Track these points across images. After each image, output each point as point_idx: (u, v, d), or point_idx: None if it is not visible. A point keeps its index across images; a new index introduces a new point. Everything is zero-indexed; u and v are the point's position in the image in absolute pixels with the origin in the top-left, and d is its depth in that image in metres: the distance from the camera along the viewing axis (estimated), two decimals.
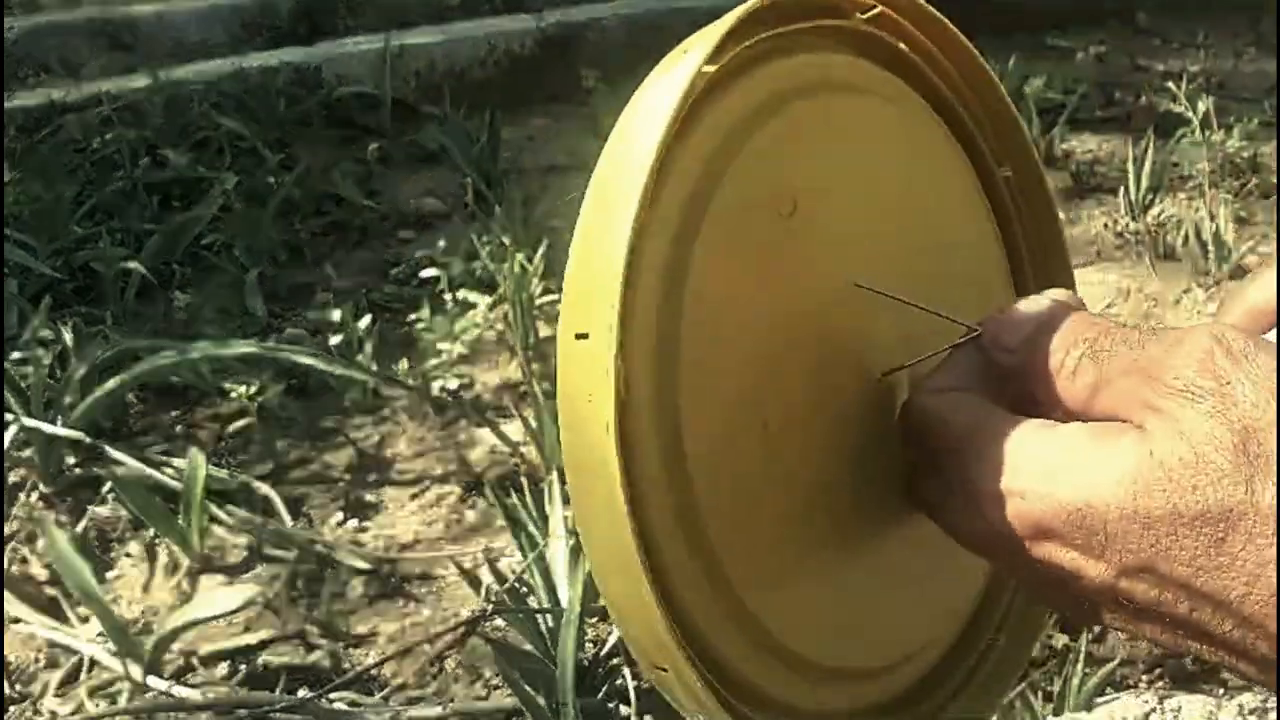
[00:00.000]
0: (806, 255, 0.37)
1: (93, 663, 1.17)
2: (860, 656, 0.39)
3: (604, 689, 1.06)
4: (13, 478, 1.47)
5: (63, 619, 1.24)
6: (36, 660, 1.20)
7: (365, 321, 1.68)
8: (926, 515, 0.36)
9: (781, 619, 0.36)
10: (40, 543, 1.32)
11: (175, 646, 1.17)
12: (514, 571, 1.12)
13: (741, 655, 0.35)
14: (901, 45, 0.42)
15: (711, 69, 0.35)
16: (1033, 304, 0.35)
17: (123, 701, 1.11)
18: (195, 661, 1.16)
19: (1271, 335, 0.35)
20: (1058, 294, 0.35)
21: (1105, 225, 2.06)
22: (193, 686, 1.12)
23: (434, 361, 1.66)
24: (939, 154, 0.43)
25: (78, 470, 1.47)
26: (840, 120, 0.39)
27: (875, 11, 0.40)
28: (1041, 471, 0.31)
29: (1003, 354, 0.34)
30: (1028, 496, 0.31)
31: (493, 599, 1.11)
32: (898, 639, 0.40)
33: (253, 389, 1.56)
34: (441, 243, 1.90)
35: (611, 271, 0.31)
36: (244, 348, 1.48)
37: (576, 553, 1.09)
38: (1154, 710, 1.02)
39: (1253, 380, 0.28)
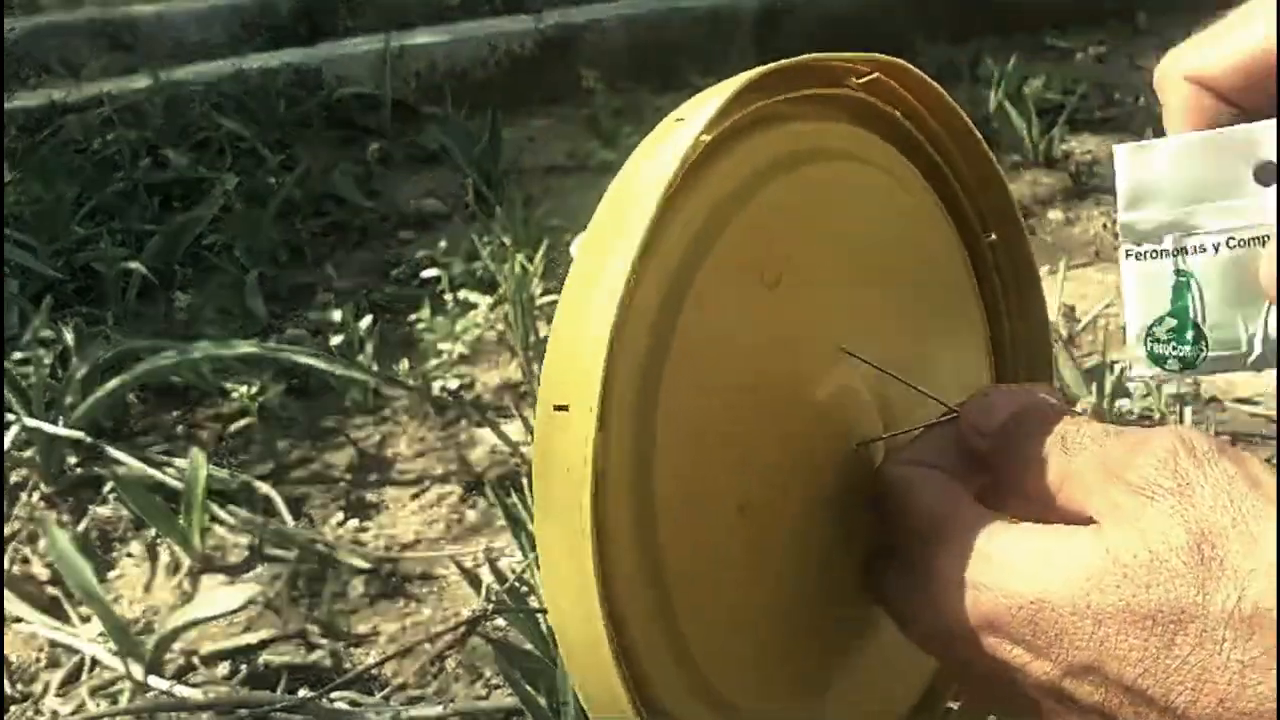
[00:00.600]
0: (790, 324, 0.37)
1: (94, 662, 1.17)
2: None
3: None
4: (14, 478, 1.47)
5: (64, 619, 1.24)
6: (38, 660, 1.20)
7: (366, 322, 1.68)
8: (877, 602, 0.36)
9: (749, 697, 0.36)
10: (41, 542, 1.33)
11: (176, 646, 1.17)
12: (514, 571, 1.12)
13: None
14: (896, 112, 0.42)
15: (708, 138, 0.34)
16: (1010, 393, 0.35)
17: (124, 701, 1.12)
18: (196, 661, 1.17)
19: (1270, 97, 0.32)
20: (1036, 387, 0.36)
21: (1105, 225, 2.06)
22: (194, 686, 1.12)
23: (435, 361, 1.66)
24: (927, 221, 0.43)
25: (79, 470, 1.47)
26: (831, 188, 0.39)
27: (871, 77, 0.40)
28: (999, 564, 0.31)
29: (977, 438, 0.35)
30: (982, 589, 0.31)
31: (493, 599, 1.11)
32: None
33: (254, 389, 1.56)
34: (442, 243, 1.90)
35: (594, 350, 0.31)
36: (245, 348, 1.48)
37: None
38: None
39: (1213, 483, 0.28)
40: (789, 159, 0.38)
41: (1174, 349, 0.33)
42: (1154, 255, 0.33)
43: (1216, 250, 0.32)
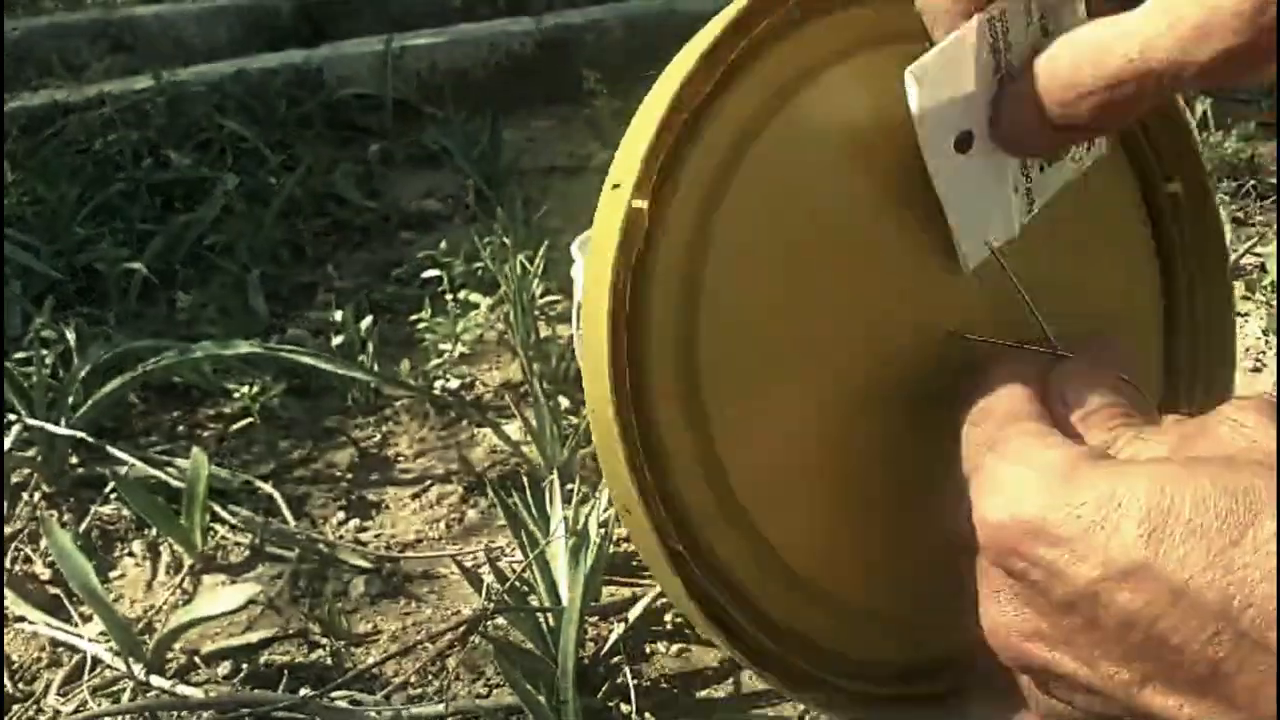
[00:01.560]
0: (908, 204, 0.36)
1: (95, 661, 1.17)
2: (863, 594, 0.38)
3: (605, 687, 1.06)
4: (15, 477, 1.48)
5: (65, 618, 1.25)
6: (39, 659, 1.21)
7: (367, 322, 1.68)
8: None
9: (781, 531, 0.36)
10: (43, 542, 1.33)
11: (177, 645, 1.17)
12: (515, 570, 1.13)
13: (727, 541, 0.35)
14: None
15: None
16: (1100, 375, 0.35)
17: (125, 700, 1.12)
18: (197, 660, 1.17)
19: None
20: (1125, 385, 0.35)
21: None
22: (195, 685, 1.13)
23: (435, 361, 1.66)
24: (1105, 162, 0.40)
25: (80, 470, 1.47)
26: None
27: None
28: (1054, 472, 0.31)
29: (1057, 402, 0.35)
30: (1031, 491, 0.31)
31: (494, 598, 1.11)
32: (914, 610, 0.39)
33: (255, 389, 1.56)
34: (443, 243, 1.90)
35: (646, 135, 0.32)
36: (246, 348, 1.48)
37: (577, 552, 1.10)
38: None
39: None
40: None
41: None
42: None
43: None
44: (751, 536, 0.35)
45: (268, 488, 1.41)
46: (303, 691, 1.09)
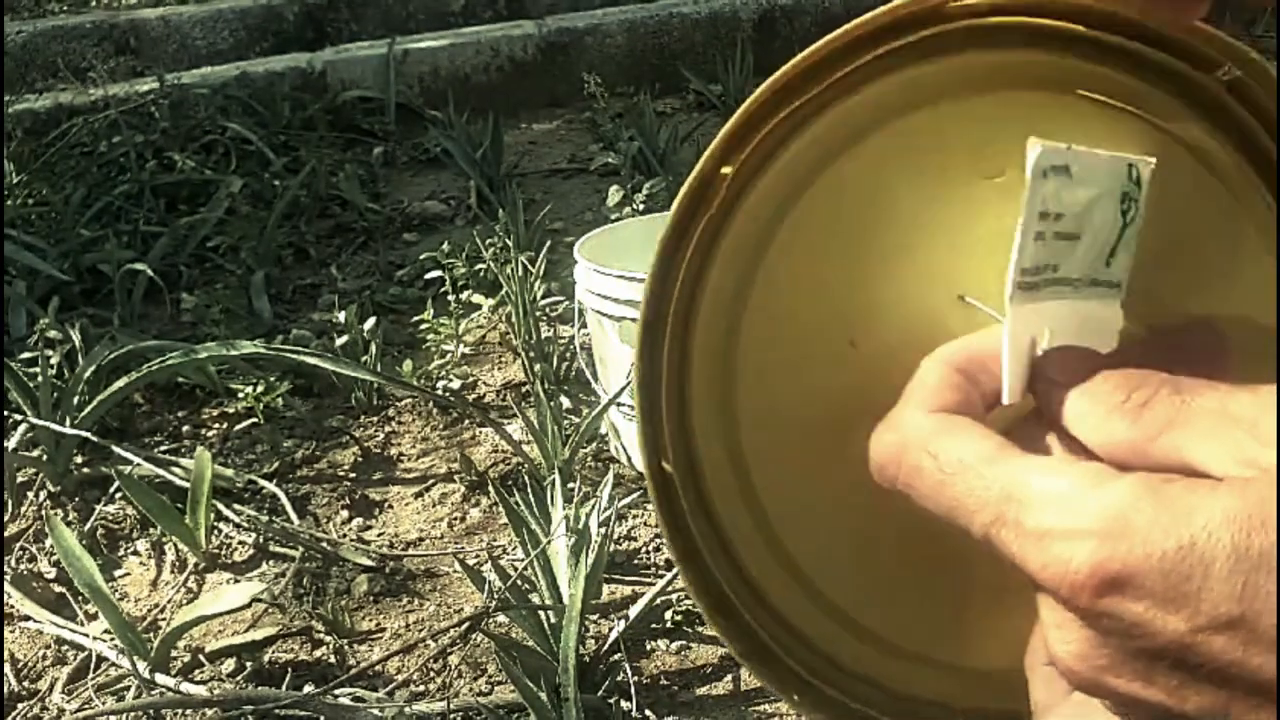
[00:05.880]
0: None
1: (100, 659, 1.18)
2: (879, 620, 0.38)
3: (605, 684, 1.07)
4: (21, 477, 1.49)
5: (71, 616, 1.25)
6: (44, 657, 1.21)
7: (370, 322, 1.69)
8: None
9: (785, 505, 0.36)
10: (48, 541, 1.34)
11: (182, 643, 1.18)
12: (516, 569, 1.13)
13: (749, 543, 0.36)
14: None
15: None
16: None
17: (130, 698, 1.13)
18: (202, 658, 1.17)
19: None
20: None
21: None
22: (199, 683, 1.13)
23: (438, 362, 1.67)
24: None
25: (85, 469, 1.48)
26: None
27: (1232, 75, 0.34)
28: (1123, 515, 0.28)
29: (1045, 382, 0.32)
30: (1107, 540, 0.28)
31: (495, 596, 1.12)
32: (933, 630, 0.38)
33: (259, 389, 1.57)
34: (445, 245, 1.91)
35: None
36: (250, 348, 1.49)
37: (578, 550, 1.10)
38: None
39: None
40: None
41: None
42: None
43: None
44: (763, 526, 0.36)
45: (271, 487, 1.42)
46: (306, 689, 1.09)
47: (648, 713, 1.05)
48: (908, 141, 0.35)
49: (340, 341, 1.66)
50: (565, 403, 1.54)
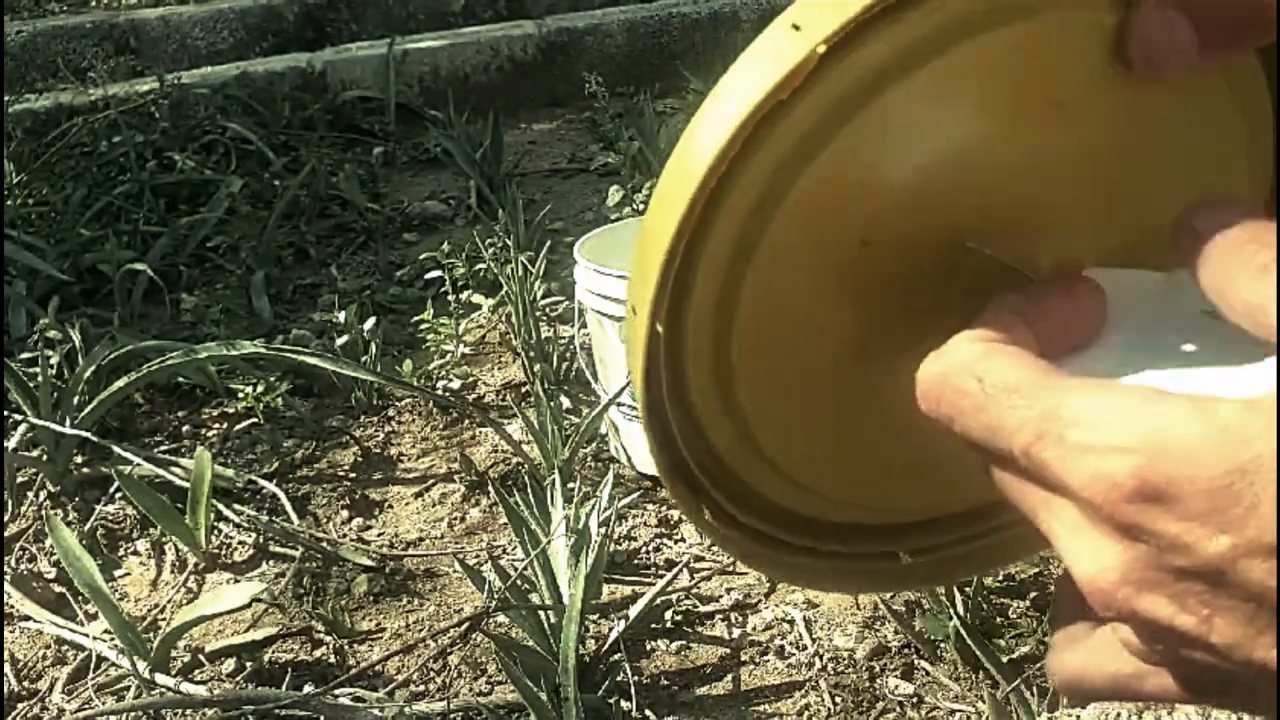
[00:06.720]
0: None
1: (100, 659, 1.18)
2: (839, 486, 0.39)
3: (605, 684, 1.07)
4: (21, 477, 1.49)
5: (71, 616, 1.25)
6: (44, 657, 1.21)
7: (370, 322, 1.70)
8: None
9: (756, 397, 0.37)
10: (48, 541, 1.34)
11: (182, 643, 1.18)
12: (516, 569, 1.13)
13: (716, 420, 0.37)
14: None
15: None
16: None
17: (130, 698, 1.13)
18: (202, 658, 1.17)
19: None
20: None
21: None
22: (199, 683, 1.13)
23: (438, 362, 1.67)
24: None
25: (85, 469, 1.48)
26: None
27: None
28: (1168, 429, 0.27)
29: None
30: (1146, 455, 0.27)
31: (495, 596, 1.12)
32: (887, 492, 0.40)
33: (259, 389, 1.57)
34: (445, 245, 1.92)
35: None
36: (250, 348, 1.49)
37: (578, 550, 1.10)
38: (1148, 707, 1.03)
39: None
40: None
41: None
42: None
43: None
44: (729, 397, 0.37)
45: (271, 487, 1.42)
46: (306, 689, 1.09)
47: (648, 713, 1.05)
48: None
49: (340, 341, 1.66)
50: (565, 403, 1.54)
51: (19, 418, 1.45)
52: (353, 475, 1.48)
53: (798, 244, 0.35)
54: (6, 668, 1.19)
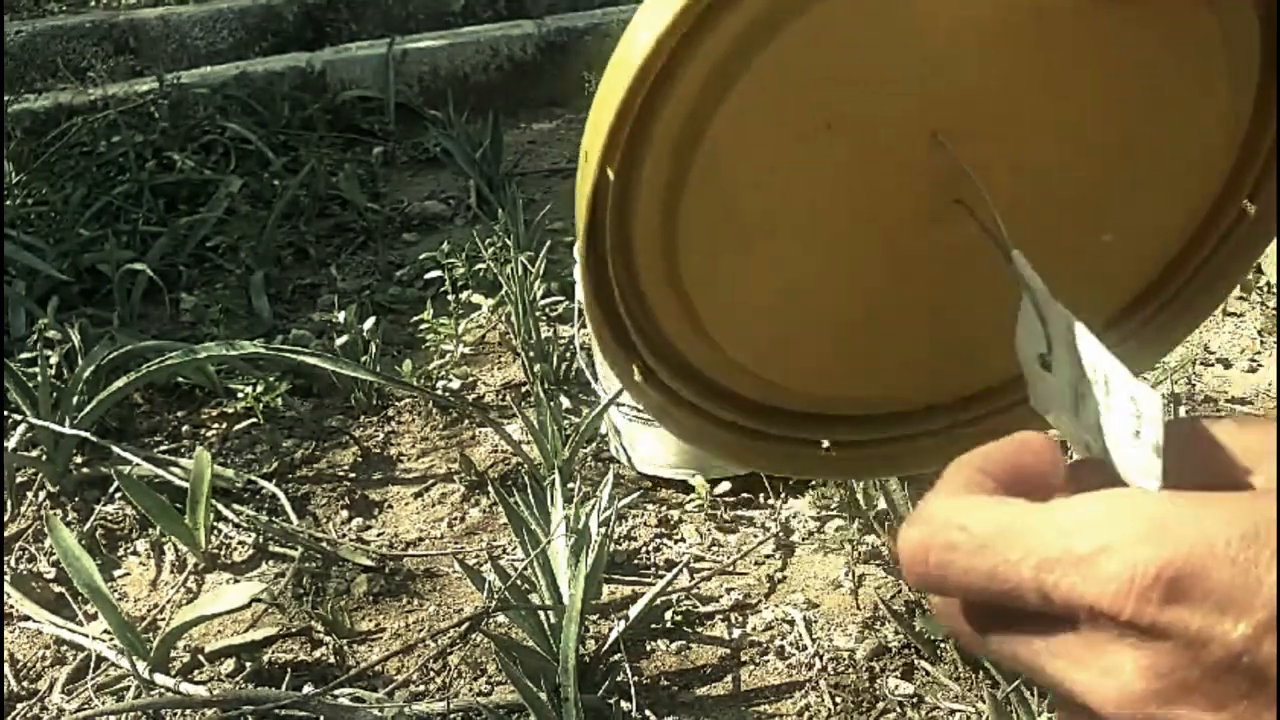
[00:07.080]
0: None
1: (100, 659, 1.18)
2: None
3: (605, 684, 1.07)
4: (21, 477, 1.49)
5: (70, 616, 1.25)
6: (44, 657, 1.21)
7: (370, 322, 1.69)
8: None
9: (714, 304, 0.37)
10: (47, 541, 1.34)
11: (181, 643, 1.18)
12: (516, 569, 1.13)
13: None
14: None
15: None
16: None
17: (130, 698, 1.13)
18: (201, 658, 1.17)
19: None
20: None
21: None
22: (199, 683, 1.13)
23: (438, 362, 1.67)
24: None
25: (85, 469, 1.48)
26: None
27: None
28: (1165, 516, 0.27)
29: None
30: (1157, 543, 0.27)
31: (495, 596, 1.12)
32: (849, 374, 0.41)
33: (258, 389, 1.57)
34: (444, 245, 1.91)
35: None
36: (250, 348, 1.49)
37: (578, 551, 1.10)
38: None
39: None
40: None
41: None
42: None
43: None
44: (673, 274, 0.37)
45: (271, 487, 1.42)
46: (306, 689, 1.09)
47: (648, 713, 1.05)
48: None
49: (340, 341, 1.66)
50: (565, 403, 1.54)
51: (18, 418, 1.45)
52: (352, 475, 1.48)
53: (759, 116, 0.34)
54: (6, 668, 1.19)
